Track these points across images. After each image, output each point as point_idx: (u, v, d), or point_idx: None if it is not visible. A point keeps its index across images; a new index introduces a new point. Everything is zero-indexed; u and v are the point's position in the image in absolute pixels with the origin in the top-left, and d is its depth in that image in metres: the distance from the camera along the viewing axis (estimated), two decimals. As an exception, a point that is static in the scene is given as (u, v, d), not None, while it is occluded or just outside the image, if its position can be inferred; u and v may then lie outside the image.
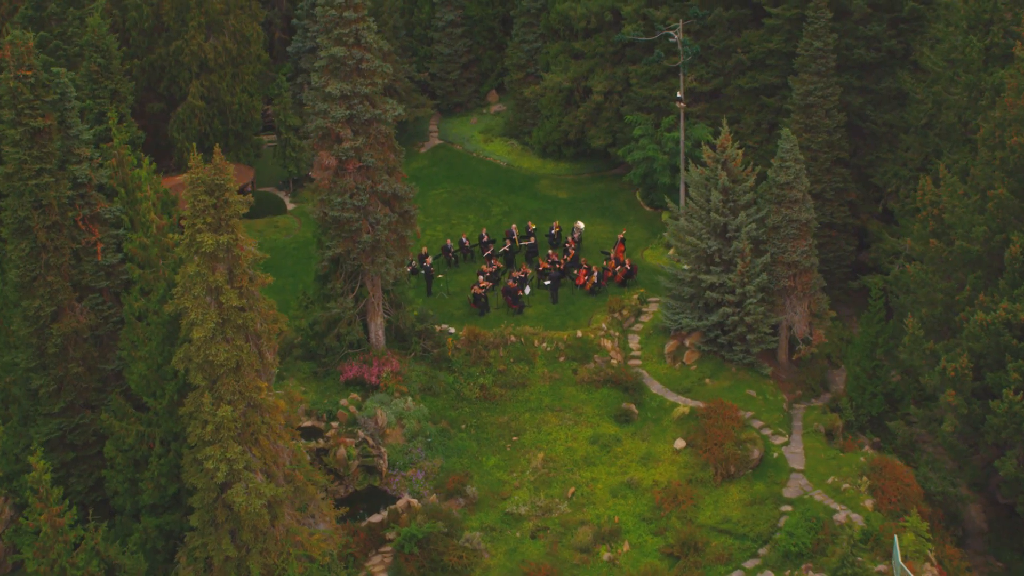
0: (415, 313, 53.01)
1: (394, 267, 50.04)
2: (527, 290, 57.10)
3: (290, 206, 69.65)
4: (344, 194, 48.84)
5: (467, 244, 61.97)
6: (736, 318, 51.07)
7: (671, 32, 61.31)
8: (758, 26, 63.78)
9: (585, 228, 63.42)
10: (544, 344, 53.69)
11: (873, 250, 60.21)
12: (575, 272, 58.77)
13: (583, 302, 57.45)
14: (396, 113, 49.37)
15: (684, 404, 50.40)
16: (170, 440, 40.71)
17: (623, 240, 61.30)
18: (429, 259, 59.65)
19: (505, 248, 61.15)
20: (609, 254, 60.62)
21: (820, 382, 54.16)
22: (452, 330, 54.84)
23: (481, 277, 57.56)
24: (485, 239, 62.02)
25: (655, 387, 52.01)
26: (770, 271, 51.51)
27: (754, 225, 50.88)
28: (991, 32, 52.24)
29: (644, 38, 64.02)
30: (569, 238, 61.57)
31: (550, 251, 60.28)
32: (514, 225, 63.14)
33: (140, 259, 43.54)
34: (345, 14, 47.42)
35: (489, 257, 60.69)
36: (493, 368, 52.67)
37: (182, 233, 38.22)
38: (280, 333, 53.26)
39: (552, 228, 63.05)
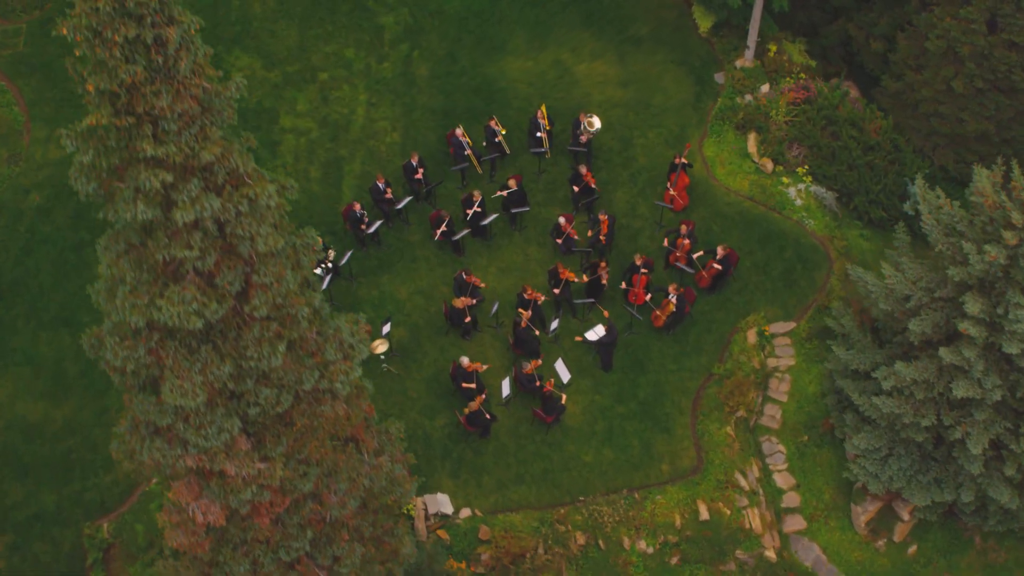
0: None
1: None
2: (564, 375, 29.32)
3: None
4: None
5: (421, 178, 31.73)
6: (1017, 501, 26.96)
7: None
8: None
9: (605, 98, 33.92)
10: (641, 541, 28.11)
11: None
12: (628, 280, 30.76)
13: (657, 357, 30.53)
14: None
15: (918, 660, 28.10)
16: None
17: (684, 166, 32.44)
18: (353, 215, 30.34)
19: (475, 209, 31.43)
20: (666, 203, 32.26)
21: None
22: (448, 509, 28.18)
23: (466, 360, 29.03)
24: (469, 147, 32.09)
25: (850, 605, 28.71)
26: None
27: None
28: None
29: None
30: (583, 167, 32.14)
31: (561, 220, 31.20)
32: (494, 120, 32.72)
33: None
34: None
35: (472, 223, 31.36)
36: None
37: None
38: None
39: (537, 122, 32.88)
